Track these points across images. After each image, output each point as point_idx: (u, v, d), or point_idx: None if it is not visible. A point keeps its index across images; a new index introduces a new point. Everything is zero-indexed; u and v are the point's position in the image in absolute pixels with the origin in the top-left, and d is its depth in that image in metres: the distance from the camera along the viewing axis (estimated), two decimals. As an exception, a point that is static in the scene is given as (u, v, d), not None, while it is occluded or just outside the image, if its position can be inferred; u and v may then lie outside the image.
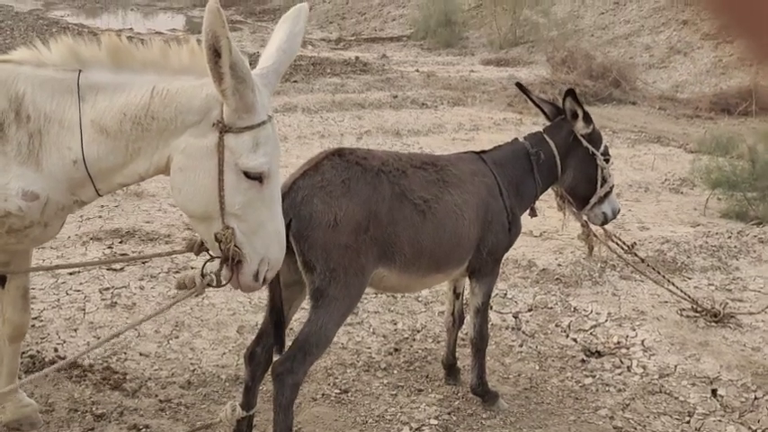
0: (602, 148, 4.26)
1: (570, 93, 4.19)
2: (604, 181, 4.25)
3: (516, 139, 4.34)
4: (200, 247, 3.13)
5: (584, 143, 4.21)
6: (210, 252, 2.99)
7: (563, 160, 4.20)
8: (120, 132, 2.80)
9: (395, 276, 3.68)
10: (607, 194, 4.29)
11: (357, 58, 18.29)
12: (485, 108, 13.46)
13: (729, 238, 7.08)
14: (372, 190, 3.50)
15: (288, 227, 3.12)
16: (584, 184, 4.27)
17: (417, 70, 17.05)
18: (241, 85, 2.66)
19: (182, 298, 3.18)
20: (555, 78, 14.47)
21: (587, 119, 4.21)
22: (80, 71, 2.80)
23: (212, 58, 2.59)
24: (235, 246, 2.81)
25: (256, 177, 2.78)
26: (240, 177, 2.77)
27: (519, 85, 4.56)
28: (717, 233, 7.24)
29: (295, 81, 14.74)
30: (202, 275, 2.96)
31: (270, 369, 3.54)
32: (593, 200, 4.26)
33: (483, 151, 4.20)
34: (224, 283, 2.93)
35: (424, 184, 3.69)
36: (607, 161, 4.27)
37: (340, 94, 13.77)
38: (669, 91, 15.39)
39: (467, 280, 4.26)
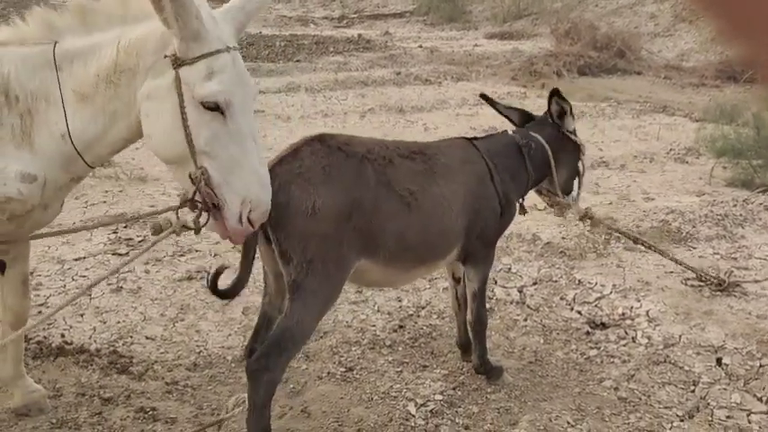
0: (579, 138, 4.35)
1: (555, 93, 4.19)
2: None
3: (506, 131, 4.33)
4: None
5: (573, 137, 4.24)
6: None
7: (554, 155, 4.18)
8: (97, 95, 2.79)
9: (379, 270, 3.54)
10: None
11: (360, 35, 18.23)
12: (489, 82, 13.41)
13: (735, 206, 7.06)
14: (356, 176, 3.34)
15: None
16: (572, 177, 4.34)
17: (421, 46, 16.98)
18: (181, 10, 2.60)
19: (160, 239, 3.14)
20: (558, 51, 14.40)
21: (572, 113, 4.25)
22: (56, 42, 2.79)
23: None
24: (208, 186, 2.76)
25: (214, 107, 2.72)
26: (200, 110, 2.72)
27: (483, 96, 4.49)
28: (722, 202, 7.21)
29: (298, 60, 14.73)
30: (177, 216, 2.92)
31: (245, 367, 3.36)
32: (576, 189, 4.36)
33: (475, 138, 4.19)
34: (202, 224, 2.85)
35: (410, 175, 3.55)
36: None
37: (343, 72, 13.74)
38: (675, 60, 15.29)
39: None
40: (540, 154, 4.15)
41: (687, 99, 12.37)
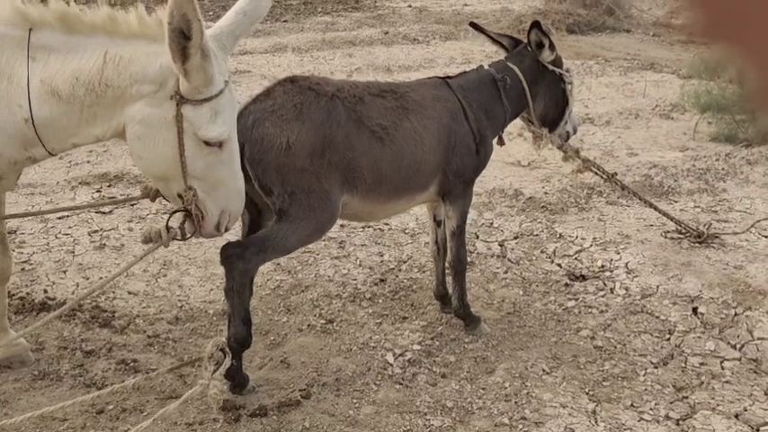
0: (564, 67, 4.33)
1: (535, 25, 4.22)
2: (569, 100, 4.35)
3: (481, 65, 4.36)
4: (155, 194, 3.21)
5: (551, 68, 4.26)
6: (170, 202, 3.09)
7: (531, 87, 4.22)
8: (74, 97, 2.77)
9: (357, 203, 3.67)
10: (569, 113, 4.40)
11: (348, -5, 18.04)
12: (477, 41, 13.28)
13: (717, 160, 7.09)
14: (326, 114, 3.47)
15: (241, 152, 3.16)
16: (554, 108, 4.35)
17: (410, 6, 16.83)
18: (204, 62, 2.63)
19: (150, 251, 3.20)
20: (547, 9, 14.29)
21: (552, 47, 4.26)
22: (30, 29, 2.75)
23: (178, 41, 2.54)
24: (196, 205, 2.90)
25: (216, 144, 2.83)
26: (200, 145, 2.81)
27: (473, 24, 4.55)
28: (705, 156, 7.24)
29: (285, 21, 14.59)
30: (168, 229, 3.01)
31: (220, 251, 3.47)
32: (564, 119, 4.34)
33: (448, 76, 4.21)
34: (188, 236, 3.02)
35: (382, 111, 3.67)
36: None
37: (330, 32, 13.63)
38: (664, 17, 15.19)
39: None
40: (516, 87, 4.20)
41: (676, 56, 12.31)
